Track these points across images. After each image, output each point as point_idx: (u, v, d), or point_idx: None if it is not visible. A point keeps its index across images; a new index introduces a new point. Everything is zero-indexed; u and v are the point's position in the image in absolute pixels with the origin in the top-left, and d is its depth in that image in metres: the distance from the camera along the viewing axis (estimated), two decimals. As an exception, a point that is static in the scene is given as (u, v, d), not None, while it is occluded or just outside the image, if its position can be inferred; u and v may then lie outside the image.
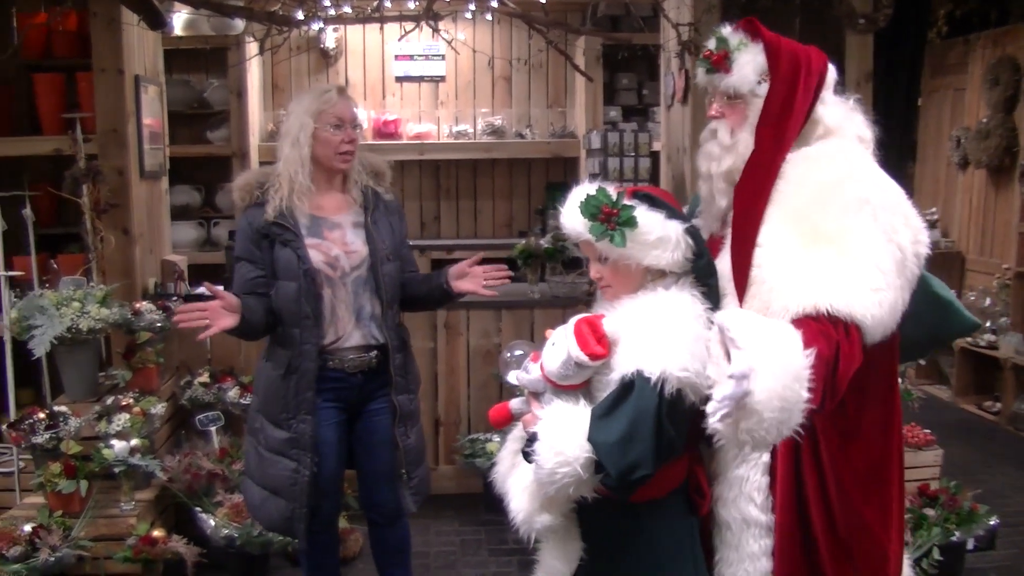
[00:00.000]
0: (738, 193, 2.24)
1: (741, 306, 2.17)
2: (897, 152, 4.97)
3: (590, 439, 2.03)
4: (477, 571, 4.04)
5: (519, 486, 2.25)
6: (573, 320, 2.15)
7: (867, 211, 2.10)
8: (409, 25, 4.36)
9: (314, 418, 3.02)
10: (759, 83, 2.26)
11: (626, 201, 2.15)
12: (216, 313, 2.87)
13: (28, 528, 3.53)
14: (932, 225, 7.24)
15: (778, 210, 2.18)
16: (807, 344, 1.87)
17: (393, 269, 3.13)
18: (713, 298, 2.18)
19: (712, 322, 2.00)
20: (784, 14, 4.96)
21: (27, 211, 4.35)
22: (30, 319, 3.90)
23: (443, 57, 7.45)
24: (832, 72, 2.32)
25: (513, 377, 2.35)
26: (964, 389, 6.65)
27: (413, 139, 7.39)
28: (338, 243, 3.07)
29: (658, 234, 2.14)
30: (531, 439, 2.11)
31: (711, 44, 2.33)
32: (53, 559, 3.42)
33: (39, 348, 3.83)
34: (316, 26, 4.21)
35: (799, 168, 2.20)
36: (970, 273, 7.09)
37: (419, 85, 7.64)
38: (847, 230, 2.09)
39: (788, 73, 2.22)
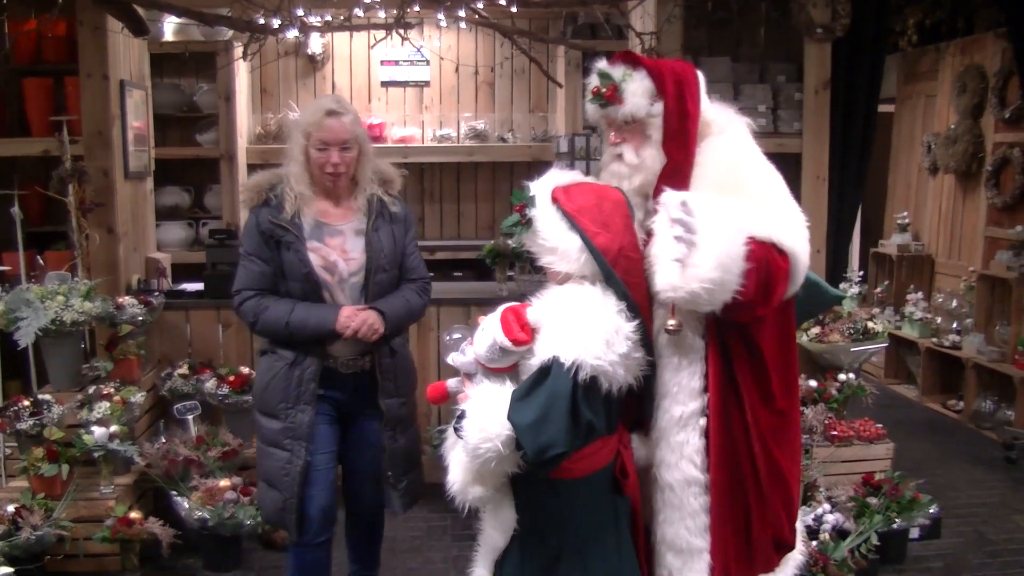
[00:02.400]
0: (656, 198, 2.42)
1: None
2: (857, 159, 5.12)
3: (508, 418, 2.18)
4: (441, 555, 4.22)
5: (456, 460, 2.39)
6: (501, 308, 2.31)
7: (778, 180, 2.48)
8: (380, 34, 4.53)
9: (313, 408, 3.16)
10: (652, 104, 2.47)
11: (533, 207, 2.38)
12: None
13: (11, 508, 3.71)
14: (903, 228, 7.46)
15: (700, 187, 2.41)
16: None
17: (387, 279, 3.26)
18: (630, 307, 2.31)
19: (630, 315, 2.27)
20: (746, 24, 5.15)
21: (15, 209, 4.55)
22: (16, 312, 4.09)
23: (428, 63, 7.62)
24: (702, 78, 2.58)
25: (451, 359, 2.50)
26: (930, 388, 6.84)
27: (398, 143, 7.56)
28: (337, 249, 3.19)
29: (554, 244, 2.35)
30: (460, 416, 2.28)
31: (595, 81, 2.52)
32: (34, 538, 3.60)
33: (24, 339, 4.02)
34: (291, 34, 4.37)
35: (707, 155, 2.47)
36: (939, 275, 7.27)
37: (404, 90, 7.82)
38: (768, 192, 2.43)
39: (674, 89, 2.47)
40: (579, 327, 2.22)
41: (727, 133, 2.54)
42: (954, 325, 6.65)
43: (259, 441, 3.28)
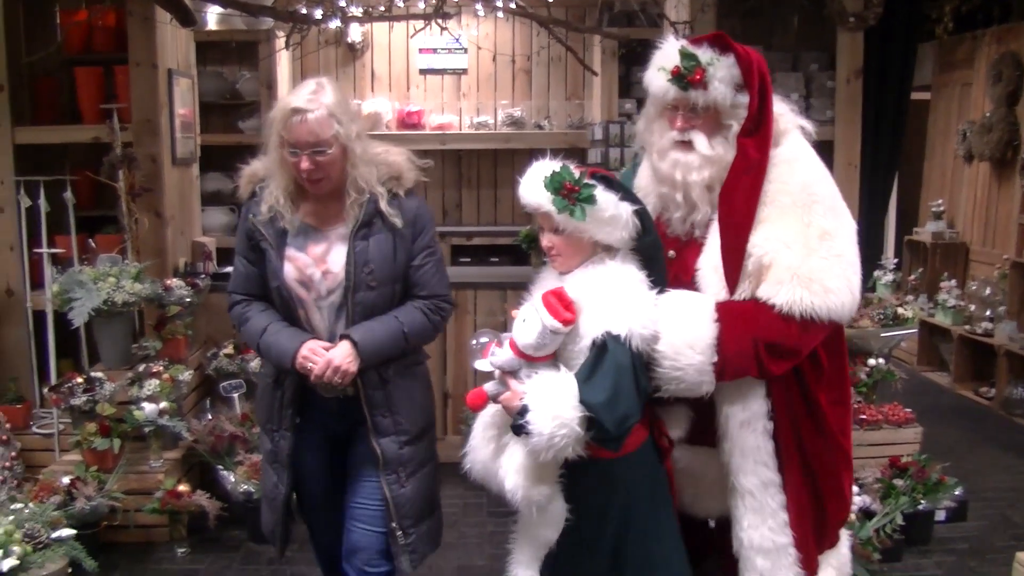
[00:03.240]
0: (725, 198, 2.43)
1: (732, 295, 2.44)
2: (888, 146, 5.19)
3: (583, 401, 2.25)
4: (476, 530, 4.36)
5: (512, 466, 2.43)
6: (538, 295, 2.36)
7: (842, 208, 2.49)
8: (420, 23, 4.65)
9: (293, 437, 2.79)
10: (736, 95, 2.41)
11: (587, 180, 2.35)
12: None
13: (66, 480, 3.89)
14: (938, 216, 7.46)
15: (771, 209, 2.42)
16: (736, 325, 2.36)
17: (374, 299, 2.70)
18: (657, 271, 2.43)
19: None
20: (779, 13, 5.22)
21: (68, 194, 4.74)
22: (70, 292, 4.26)
23: (465, 51, 7.73)
24: None
25: (484, 364, 2.48)
26: (962, 376, 6.86)
27: (435, 130, 7.68)
28: (319, 261, 2.70)
29: (612, 212, 2.35)
30: (521, 412, 2.28)
31: (676, 60, 2.41)
32: (88, 508, 3.77)
33: (78, 318, 4.20)
34: (334, 24, 4.50)
35: (779, 170, 2.43)
36: (973, 263, 7.27)
37: (442, 78, 7.94)
38: (837, 226, 2.44)
39: (759, 82, 2.40)
40: (622, 300, 2.33)
41: (790, 136, 2.50)
42: (987, 313, 6.66)
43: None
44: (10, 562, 2.70)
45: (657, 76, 2.48)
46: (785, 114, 2.54)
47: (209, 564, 3.99)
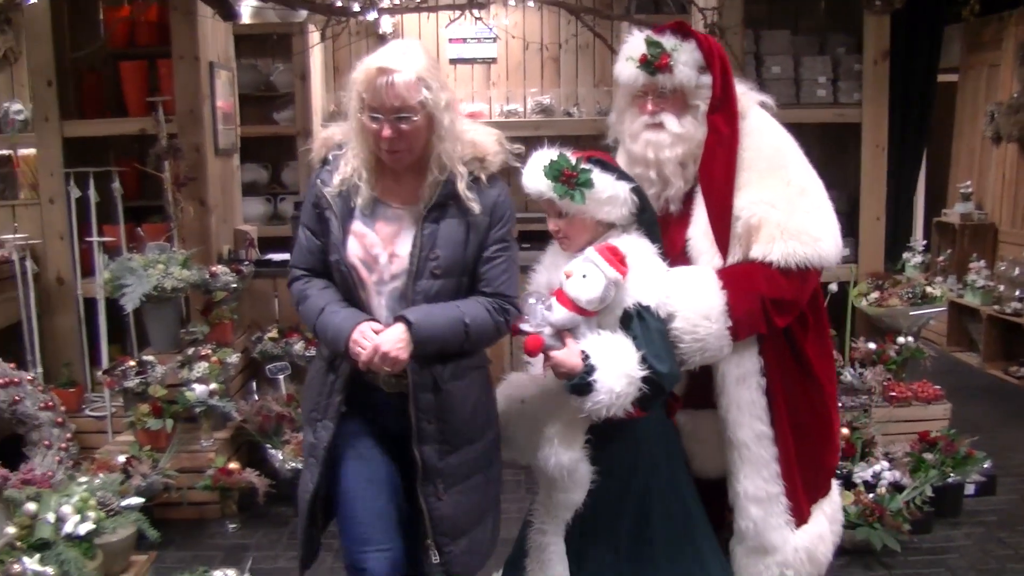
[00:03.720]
0: (705, 171, 2.68)
1: (725, 259, 2.67)
2: (916, 128, 5.25)
3: (650, 364, 2.44)
4: (517, 506, 4.45)
5: (543, 434, 2.60)
6: (591, 254, 2.48)
7: (809, 167, 2.74)
8: (456, 13, 4.76)
9: (335, 428, 2.51)
10: (699, 76, 2.66)
11: (583, 165, 2.52)
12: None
13: (122, 459, 4.05)
14: (966, 198, 7.49)
15: (750, 174, 2.66)
16: (740, 288, 2.57)
17: (440, 289, 2.45)
18: (658, 243, 2.62)
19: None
20: (807, -4, 5.28)
21: (116, 185, 4.89)
22: (121, 279, 4.42)
23: (495, 40, 7.84)
24: None
25: (538, 324, 2.50)
26: (992, 355, 6.91)
27: (466, 118, 7.78)
28: (387, 241, 2.48)
29: (610, 192, 2.53)
30: (588, 371, 2.41)
31: (642, 49, 2.66)
32: (144, 484, 3.92)
33: (130, 304, 4.36)
34: (371, 15, 4.62)
35: (750, 139, 2.69)
36: (1002, 244, 7.31)
37: (472, 67, 8.05)
38: (810, 182, 2.71)
39: (719, 63, 2.66)
40: (645, 271, 2.52)
41: (753, 110, 2.74)
42: (1016, 292, 6.70)
43: None
44: (87, 526, 2.86)
45: (626, 66, 2.70)
46: (746, 92, 2.78)
47: (259, 539, 4.14)
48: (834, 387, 2.88)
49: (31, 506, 2.80)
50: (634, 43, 2.70)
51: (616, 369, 2.42)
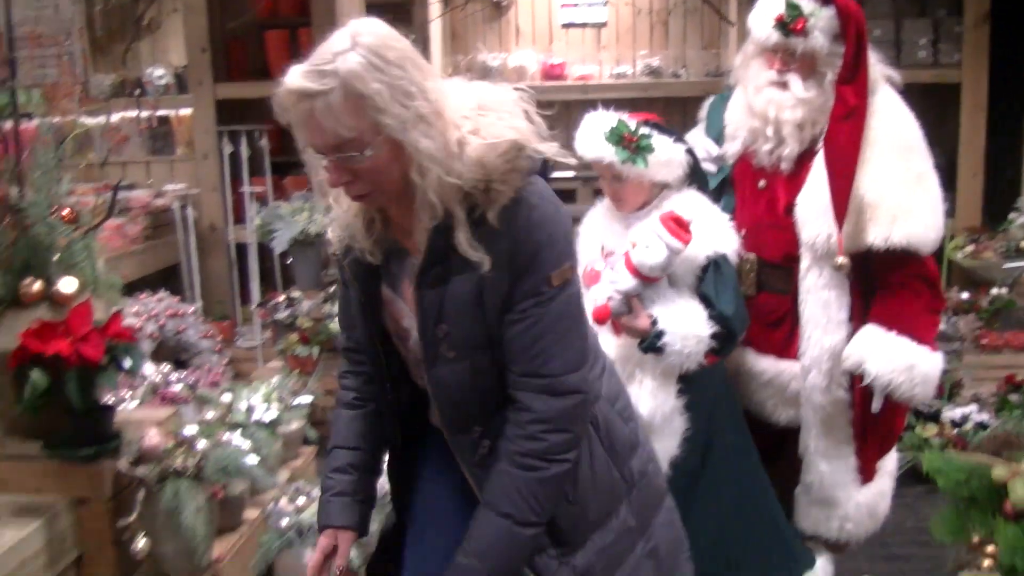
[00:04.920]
0: (830, 143, 2.66)
1: (840, 231, 2.62)
2: (1016, 90, 5.36)
3: (718, 312, 2.54)
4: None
5: (646, 390, 2.64)
6: (655, 223, 2.49)
7: (928, 153, 2.73)
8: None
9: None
10: (833, 44, 2.63)
11: (643, 130, 2.55)
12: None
13: (275, 380, 4.60)
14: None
15: (873, 152, 2.65)
16: (912, 324, 2.66)
17: (455, 377, 1.74)
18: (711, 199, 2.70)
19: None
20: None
21: (263, 142, 5.44)
22: (271, 225, 4.97)
23: (605, 3, 8.14)
24: None
25: (604, 291, 2.56)
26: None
27: (577, 81, 8.14)
28: (409, 303, 1.79)
29: (668, 156, 2.58)
30: (658, 335, 2.51)
31: (780, 9, 2.63)
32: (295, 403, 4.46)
33: (279, 246, 4.92)
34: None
35: (877, 117, 2.66)
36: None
37: (583, 30, 8.37)
38: (928, 169, 2.70)
39: (855, 33, 2.58)
40: (714, 224, 2.61)
41: (883, 88, 2.72)
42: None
43: None
44: (272, 414, 3.37)
45: (761, 20, 2.70)
46: (876, 64, 2.71)
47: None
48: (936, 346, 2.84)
49: (227, 396, 3.33)
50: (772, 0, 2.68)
51: (684, 331, 2.51)
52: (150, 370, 3.44)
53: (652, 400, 2.63)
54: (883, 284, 2.72)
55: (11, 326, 2.68)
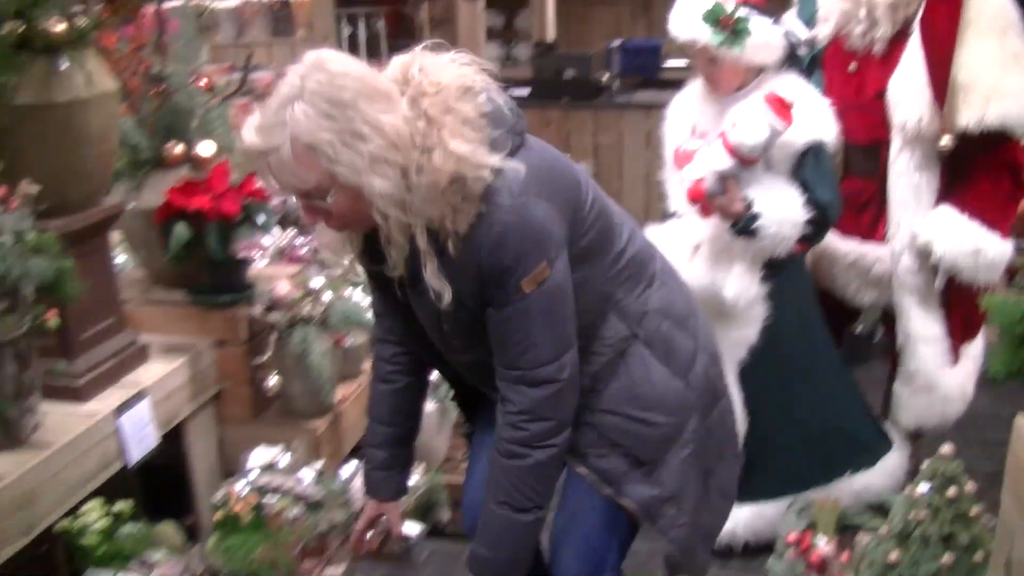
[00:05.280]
0: (926, 24, 2.69)
1: (942, 109, 2.68)
2: None
3: (815, 199, 2.55)
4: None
5: (733, 274, 2.66)
6: (759, 101, 2.46)
7: None
8: None
9: None
10: None
11: (740, 12, 2.52)
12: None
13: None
14: None
15: (967, 32, 2.67)
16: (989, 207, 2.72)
17: (478, 362, 1.90)
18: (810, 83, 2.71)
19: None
20: None
21: (380, 24, 5.60)
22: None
23: None
24: None
25: (698, 171, 2.55)
26: None
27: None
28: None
29: (765, 38, 2.56)
30: (752, 218, 2.50)
31: None
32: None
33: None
34: None
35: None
36: None
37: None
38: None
39: None
40: (819, 109, 2.61)
41: None
42: None
43: None
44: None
45: None
46: None
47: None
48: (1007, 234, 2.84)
49: (347, 259, 3.50)
50: None
51: (779, 214, 2.50)
52: (277, 234, 3.68)
53: (738, 284, 2.65)
54: (968, 167, 2.74)
55: (156, 185, 2.94)
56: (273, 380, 2.91)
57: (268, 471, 2.64)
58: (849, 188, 2.89)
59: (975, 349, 3.02)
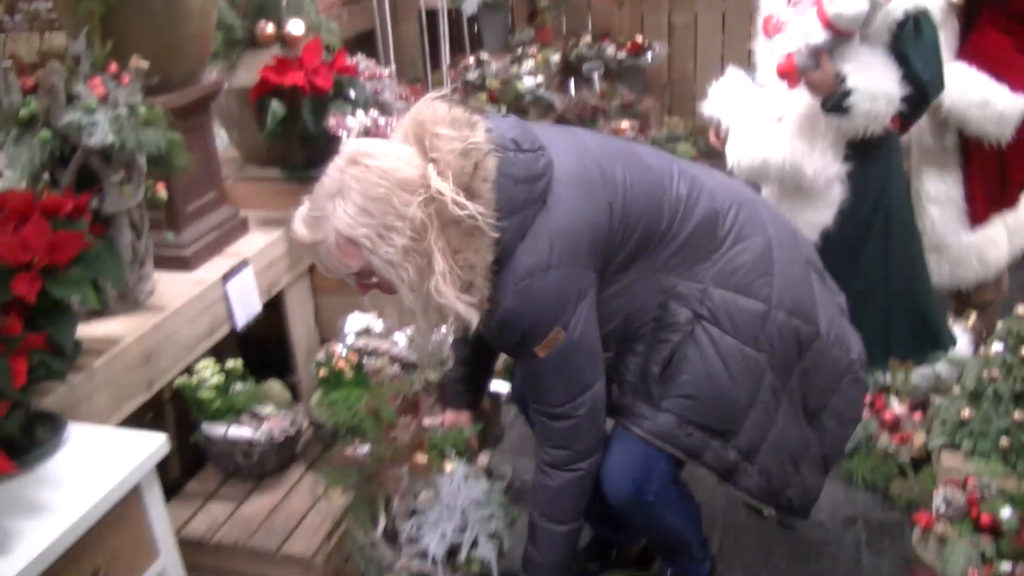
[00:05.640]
0: None
1: None
2: None
3: (914, 73, 2.46)
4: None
5: (817, 150, 2.60)
6: None
7: None
8: None
9: None
10: None
11: None
12: None
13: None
14: None
15: None
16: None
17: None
18: None
19: None
20: None
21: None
22: (461, -13, 5.19)
23: None
24: None
25: (790, 44, 2.49)
26: None
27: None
28: None
29: None
30: (845, 94, 2.42)
31: None
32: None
33: (469, 8, 5.14)
34: None
35: None
36: None
37: None
38: None
39: None
40: None
41: None
42: None
43: None
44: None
45: None
46: None
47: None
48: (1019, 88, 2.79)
49: None
50: None
51: (874, 90, 2.41)
52: (361, 116, 3.78)
53: (820, 160, 2.59)
54: (979, 22, 2.75)
55: (250, 64, 3.05)
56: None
57: (364, 335, 2.79)
58: None
59: (1015, 218, 2.99)
